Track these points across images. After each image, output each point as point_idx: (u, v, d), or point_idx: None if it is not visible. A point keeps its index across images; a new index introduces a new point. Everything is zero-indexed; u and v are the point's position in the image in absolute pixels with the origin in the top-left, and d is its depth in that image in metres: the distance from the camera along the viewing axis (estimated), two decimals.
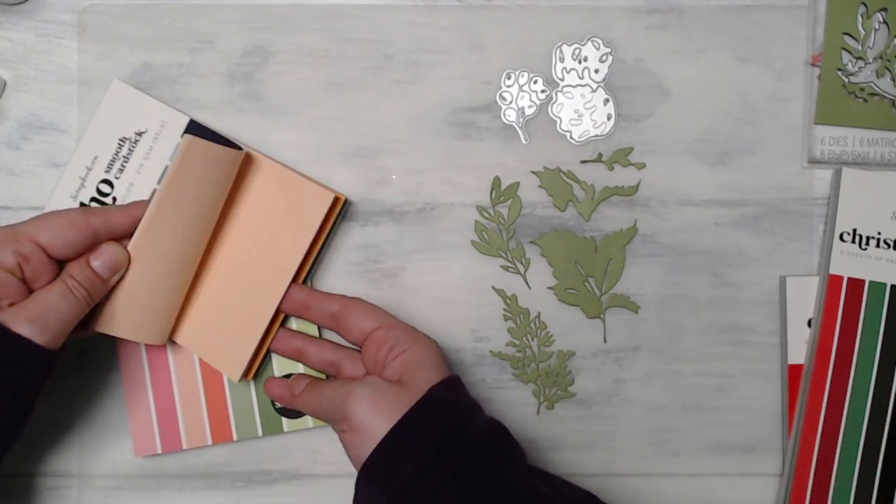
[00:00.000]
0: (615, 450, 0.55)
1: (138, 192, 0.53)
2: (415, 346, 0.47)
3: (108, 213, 0.48)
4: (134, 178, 0.53)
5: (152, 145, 0.53)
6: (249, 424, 0.54)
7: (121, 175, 0.53)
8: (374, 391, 0.45)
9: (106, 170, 0.53)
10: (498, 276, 0.55)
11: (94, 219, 0.47)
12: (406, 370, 0.46)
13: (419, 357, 0.47)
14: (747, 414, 0.55)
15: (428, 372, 0.46)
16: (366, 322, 0.49)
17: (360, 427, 0.44)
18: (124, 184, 0.53)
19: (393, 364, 0.47)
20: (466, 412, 0.45)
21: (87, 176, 0.53)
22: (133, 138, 0.53)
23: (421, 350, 0.47)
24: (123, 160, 0.53)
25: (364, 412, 0.44)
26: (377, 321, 0.49)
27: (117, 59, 0.55)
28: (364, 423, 0.44)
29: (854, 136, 0.55)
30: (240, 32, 0.55)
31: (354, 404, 0.44)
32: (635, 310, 0.55)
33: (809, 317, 0.55)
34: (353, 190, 0.55)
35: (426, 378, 0.45)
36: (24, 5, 0.55)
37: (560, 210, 0.55)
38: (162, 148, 0.53)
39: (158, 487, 0.55)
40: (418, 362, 0.46)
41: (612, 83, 0.55)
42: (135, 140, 0.53)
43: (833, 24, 0.55)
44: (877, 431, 0.53)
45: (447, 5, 0.55)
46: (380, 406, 0.44)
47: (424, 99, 0.55)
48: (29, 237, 0.45)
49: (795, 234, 0.55)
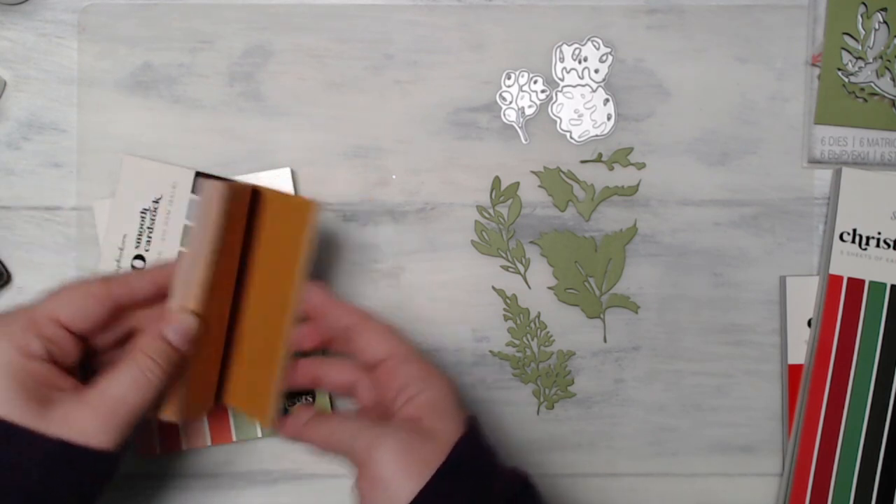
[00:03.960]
0: (615, 450, 0.55)
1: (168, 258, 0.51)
2: (428, 388, 0.43)
3: (130, 280, 0.44)
4: (160, 246, 0.52)
5: (169, 209, 0.52)
6: (249, 425, 0.54)
7: (150, 247, 0.52)
8: (403, 444, 0.41)
9: (136, 245, 0.52)
10: (498, 276, 0.55)
11: (115, 288, 0.43)
12: (423, 416, 0.42)
13: (435, 402, 0.43)
14: (747, 414, 0.55)
15: (448, 422, 0.42)
16: (378, 347, 0.45)
17: (383, 482, 0.40)
18: (154, 254, 0.52)
19: (406, 407, 0.43)
20: (491, 467, 0.43)
21: (121, 256, 0.52)
22: (152, 208, 0.52)
23: (436, 394, 0.43)
24: (149, 232, 0.52)
25: (389, 467, 0.40)
26: (389, 348, 0.45)
27: (117, 59, 0.55)
28: (387, 480, 0.40)
29: (854, 136, 0.55)
30: (240, 32, 0.55)
31: (379, 457, 0.41)
32: (635, 310, 0.55)
33: (809, 317, 0.55)
34: (353, 190, 0.55)
35: (448, 429, 0.42)
36: (24, 5, 0.55)
37: (560, 210, 0.55)
38: (178, 209, 0.52)
39: (158, 487, 0.55)
40: (436, 408, 0.43)
41: (612, 83, 0.55)
42: (154, 209, 0.52)
43: (833, 24, 0.55)
44: (877, 431, 0.53)
45: (447, 5, 0.55)
46: (407, 463, 0.40)
47: (424, 99, 0.55)
48: (49, 317, 0.42)
49: (795, 234, 0.55)
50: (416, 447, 0.41)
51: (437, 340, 0.55)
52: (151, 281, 0.45)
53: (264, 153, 0.55)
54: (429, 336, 0.55)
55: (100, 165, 0.55)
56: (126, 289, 0.44)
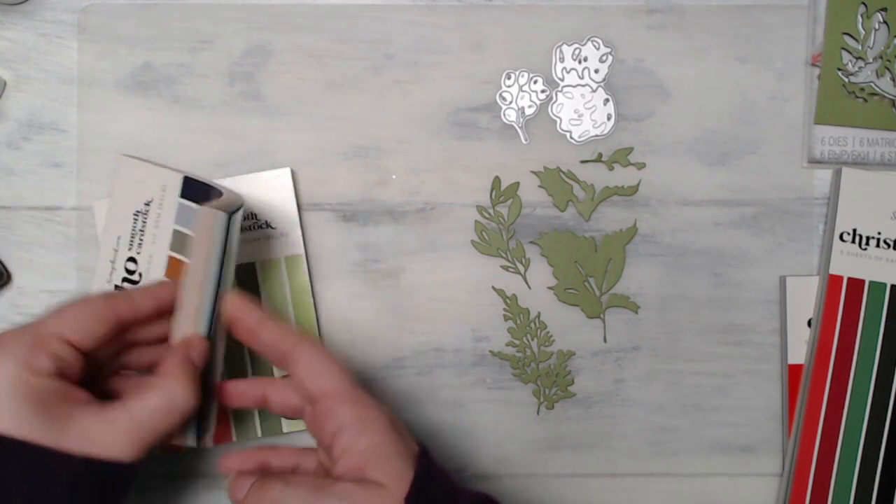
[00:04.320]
0: (615, 450, 0.55)
1: (158, 262, 0.51)
2: (365, 434, 0.41)
3: (133, 299, 0.44)
4: (151, 249, 0.51)
5: (159, 212, 0.51)
6: (249, 426, 0.54)
7: (141, 249, 0.51)
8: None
9: (129, 248, 0.51)
10: (498, 276, 0.55)
11: (119, 306, 0.43)
12: (365, 465, 0.40)
13: (375, 448, 0.40)
14: (747, 414, 0.55)
15: (393, 469, 0.40)
16: (315, 381, 0.42)
17: None
18: (145, 257, 0.51)
19: (345, 458, 0.40)
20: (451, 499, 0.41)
21: (116, 258, 0.51)
22: (144, 210, 0.52)
23: (374, 439, 0.41)
24: (140, 234, 0.51)
25: None
26: (325, 385, 0.42)
27: (117, 59, 0.55)
28: None
29: (854, 136, 0.55)
30: (240, 32, 0.55)
31: None
32: (635, 310, 0.55)
33: (809, 317, 0.55)
34: (353, 190, 0.55)
35: (395, 477, 0.40)
36: (24, 5, 0.55)
37: (560, 210, 0.55)
38: (167, 213, 0.51)
39: (158, 487, 0.55)
40: (377, 454, 0.40)
41: (612, 83, 0.55)
42: (145, 211, 0.52)
43: (833, 24, 0.55)
44: (877, 431, 0.53)
45: (447, 5, 0.55)
46: None
47: (424, 99, 0.55)
48: (55, 336, 0.41)
49: (795, 234, 0.55)
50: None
51: (437, 340, 0.55)
52: (152, 297, 0.45)
53: (264, 153, 0.55)
54: (429, 336, 0.55)
55: (100, 165, 0.55)
56: (129, 306, 0.44)
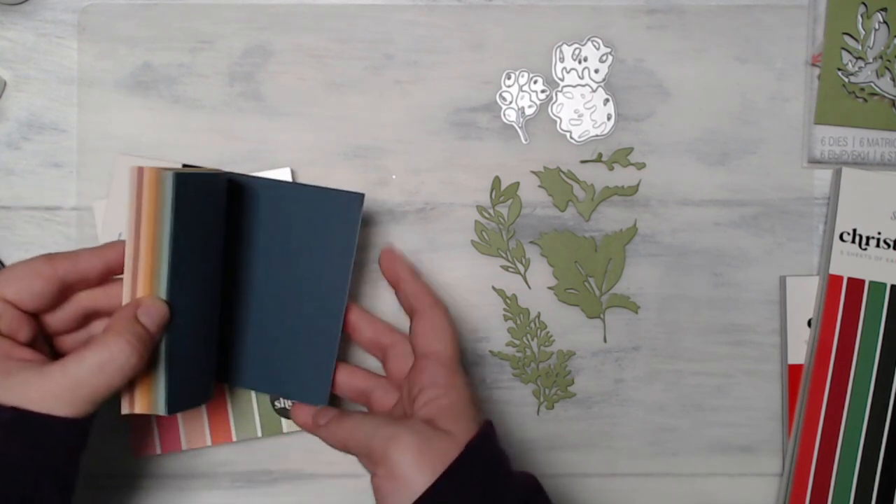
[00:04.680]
0: (615, 450, 0.55)
1: None
2: (448, 395, 0.45)
3: (77, 258, 0.44)
4: None
5: None
6: (249, 425, 0.54)
7: None
8: (421, 440, 0.42)
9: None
10: (498, 276, 0.55)
11: (60, 265, 0.43)
12: (439, 417, 0.44)
13: (452, 406, 0.45)
14: (747, 414, 0.55)
15: (463, 424, 0.44)
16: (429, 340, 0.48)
17: (401, 476, 0.42)
18: None
19: (424, 409, 0.45)
20: (504, 468, 0.44)
21: None
22: None
23: (454, 400, 0.45)
24: None
25: (408, 461, 0.42)
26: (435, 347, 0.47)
27: (117, 59, 0.55)
28: (405, 473, 0.42)
29: (854, 136, 0.55)
30: (240, 32, 0.55)
31: (399, 451, 0.42)
32: (635, 310, 0.55)
33: (809, 317, 0.55)
34: (353, 190, 0.55)
35: (463, 429, 0.43)
36: (24, 5, 0.55)
37: (560, 210, 0.55)
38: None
39: (158, 487, 0.55)
40: (452, 411, 0.44)
41: (612, 83, 0.55)
42: None
43: (833, 24, 0.55)
44: (877, 431, 0.53)
45: (447, 5, 0.55)
46: (424, 457, 0.42)
47: (424, 99, 0.55)
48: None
49: (795, 234, 0.55)
50: (432, 443, 0.42)
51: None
52: (101, 258, 0.45)
53: (264, 153, 0.55)
54: None
55: (100, 165, 0.55)
56: (72, 266, 0.44)
